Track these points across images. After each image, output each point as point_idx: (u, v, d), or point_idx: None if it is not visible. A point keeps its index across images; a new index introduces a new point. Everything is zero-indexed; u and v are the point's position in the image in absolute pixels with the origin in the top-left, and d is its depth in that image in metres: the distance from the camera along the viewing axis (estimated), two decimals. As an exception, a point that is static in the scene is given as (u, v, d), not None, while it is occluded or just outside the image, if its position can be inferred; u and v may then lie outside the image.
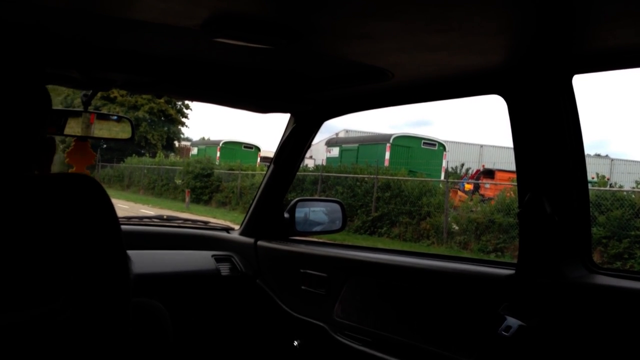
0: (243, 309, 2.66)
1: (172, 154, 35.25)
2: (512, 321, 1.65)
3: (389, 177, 16.32)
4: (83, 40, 1.77)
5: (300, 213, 2.67)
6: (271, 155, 2.76)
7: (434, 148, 21.67)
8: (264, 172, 2.76)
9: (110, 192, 1.15)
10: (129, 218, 3.06)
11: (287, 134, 2.64)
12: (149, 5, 1.37)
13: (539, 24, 1.38)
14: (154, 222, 3.08)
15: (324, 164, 20.89)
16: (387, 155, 20.37)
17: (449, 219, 14.15)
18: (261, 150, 29.63)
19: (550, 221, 1.65)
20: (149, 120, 34.14)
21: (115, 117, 2.27)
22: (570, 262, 1.67)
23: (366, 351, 2.13)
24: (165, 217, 3.19)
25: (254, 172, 21.32)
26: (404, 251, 2.38)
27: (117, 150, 32.06)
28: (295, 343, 2.48)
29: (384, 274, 2.16)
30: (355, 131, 29.31)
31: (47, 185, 1.07)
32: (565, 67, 1.63)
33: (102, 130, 2.22)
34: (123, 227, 1.14)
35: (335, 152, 23.91)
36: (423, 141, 21.63)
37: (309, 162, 24.18)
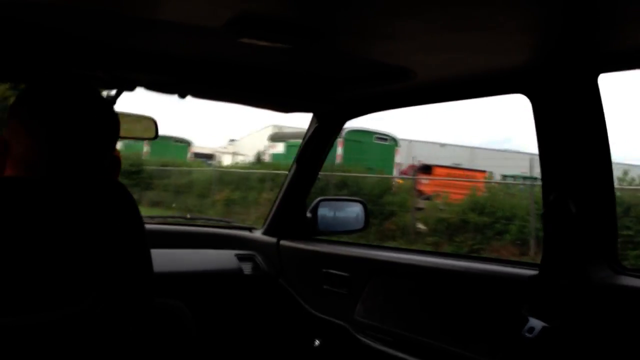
0: (265, 308, 2.67)
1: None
2: (535, 322, 1.64)
3: (346, 174, 15.10)
4: (107, 41, 1.79)
5: (322, 212, 2.67)
6: (206, 151, 2.62)
7: (386, 143, 19.86)
8: (201, 169, 2.65)
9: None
10: (152, 217, 3.08)
11: (309, 133, 2.65)
12: (173, 5, 1.38)
13: (564, 22, 1.37)
14: (177, 220, 3.10)
15: (266, 160, 19.40)
16: (340, 150, 18.43)
17: (415, 218, 13.10)
18: (194, 145, 27.22)
19: (575, 221, 1.63)
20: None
21: (138, 116, 2.28)
22: (596, 263, 1.65)
23: (387, 351, 2.12)
24: (188, 216, 3.21)
25: (190, 169, 19.72)
26: (426, 251, 2.38)
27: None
28: (317, 342, 2.49)
29: (406, 274, 2.15)
30: (289, 127, 25.87)
31: (74, 188, 1.08)
32: (591, 66, 1.61)
33: (126, 130, 2.24)
34: (146, 226, 1.15)
35: (280, 147, 21.90)
36: (375, 135, 19.63)
37: (237, 158, 22.37)
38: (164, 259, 2.40)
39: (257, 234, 2.91)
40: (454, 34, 1.46)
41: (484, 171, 18.78)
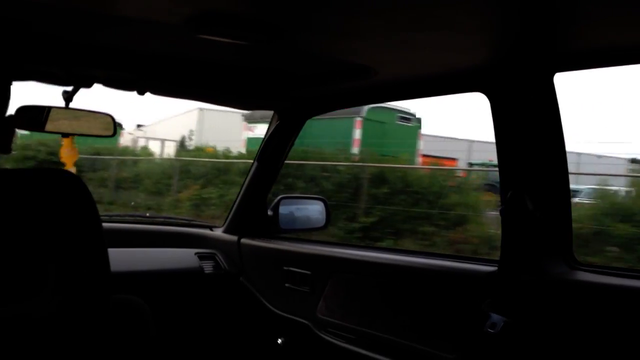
0: (226, 307, 2.65)
1: None
2: (497, 318, 1.66)
3: (384, 165, 10.49)
4: (64, 36, 1.75)
5: (284, 210, 2.66)
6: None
7: (410, 124, 14.88)
8: (148, 157, 2.38)
9: None
10: (110, 215, 3.04)
11: (270, 131, 2.64)
12: (132, 1, 1.36)
13: (521, 23, 1.39)
14: (136, 219, 3.06)
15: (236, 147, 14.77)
16: (357, 133, 14.01)
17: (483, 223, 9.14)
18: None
19: (532, 218, 1.66)
20: None
21: (96, 113, 2.24)
22: (552, 259, 1.69)
23: (350, 348, 2.13)
24: (147, 215, 3.18)
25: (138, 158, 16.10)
26: (387, 248, 2.39)
27: None
28: (279, 341, 2.48)
29: (367, 271, 2.16)
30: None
31: (28, 180, 1.06)
32: (547, 65, 1.64)
33: (83, 126, 2.19)
34: (105, 224, 1.13)
35: (262, 130, 16.25)
36: (398, 115, 14.62)
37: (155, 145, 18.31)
38: (123, 258, 2.36)
39: (218, 232, 2.89)
40: (413, 32, 1.47)
41: (455, 159, 15.76)
